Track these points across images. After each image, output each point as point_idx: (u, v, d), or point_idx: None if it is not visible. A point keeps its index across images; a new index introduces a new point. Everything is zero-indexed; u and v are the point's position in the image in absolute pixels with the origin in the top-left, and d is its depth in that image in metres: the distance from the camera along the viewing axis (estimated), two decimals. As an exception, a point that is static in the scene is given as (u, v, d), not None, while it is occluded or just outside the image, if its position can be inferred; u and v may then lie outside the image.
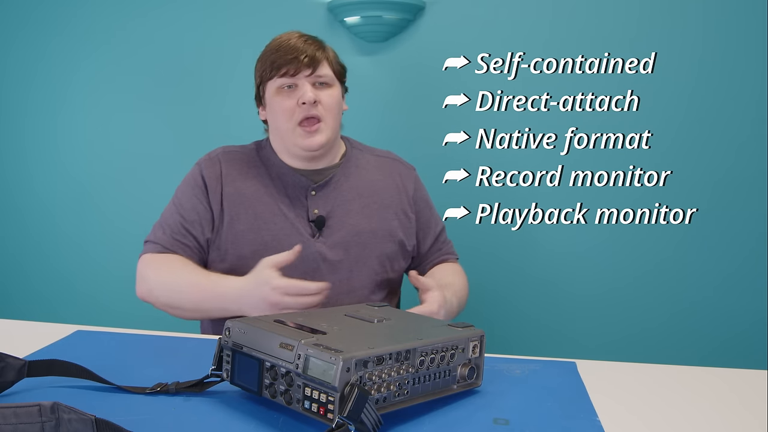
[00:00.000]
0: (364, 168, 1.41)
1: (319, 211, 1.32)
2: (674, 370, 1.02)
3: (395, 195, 1.40)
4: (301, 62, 1.26)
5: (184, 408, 0.81)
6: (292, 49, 1.27)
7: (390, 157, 1.47)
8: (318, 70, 1.28)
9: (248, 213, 1.31)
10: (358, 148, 1.45)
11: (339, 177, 1.36)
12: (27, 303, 2.35)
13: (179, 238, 1.30)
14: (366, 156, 1.43)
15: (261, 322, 0.83)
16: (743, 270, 1.90)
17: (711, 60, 1.86)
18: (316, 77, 1.29)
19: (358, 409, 0.68)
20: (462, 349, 0.85)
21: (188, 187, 1.34)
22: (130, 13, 2.14)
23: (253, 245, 1.29)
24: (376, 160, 1.44)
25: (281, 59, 1.27)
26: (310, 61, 1.27)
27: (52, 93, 2.23)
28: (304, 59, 1.26)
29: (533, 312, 2.02)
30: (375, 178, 1.40)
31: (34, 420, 0.64)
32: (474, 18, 1.94)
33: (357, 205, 1.35)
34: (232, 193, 1.32)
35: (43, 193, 2.28)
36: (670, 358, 1.91)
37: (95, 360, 0.92)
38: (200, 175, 1.33)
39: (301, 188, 1.33)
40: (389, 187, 1.40)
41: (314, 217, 1.32)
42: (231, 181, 1.33)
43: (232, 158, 1.36)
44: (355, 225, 1.33)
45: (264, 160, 1.37)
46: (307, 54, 1.27)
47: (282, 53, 1.28)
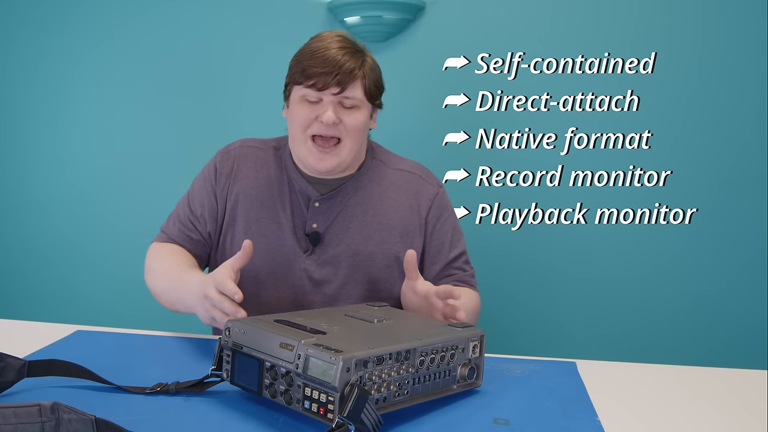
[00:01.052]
0: (378, 183, 1.29)
1: (318, 225, 1.25)
2: (674, 370, 1.02)
3: (406, 215, 1.28)
4: (330, 78, 1.16)
5: (184, 408, 0.81)
6: (327, 62, 1.16)
7: (412, 172, 1.32)
8: (347, 91, 1.18)
9: (249, 217, 1.26)
10: (380, 159, 1.32)
11: (348, 190, 1.27)
12: (27, 303, 2.35)
13: (186, 231, 1.29)
14: (385, 169, 1.31)
15: (261, 322, 0.83)
16: (743, 270, 1.90)
17: (711, 60, 1.85)
18: (344, 97, 1.18)
19: (358, 409, 0.68)
20: (462, 349, 0.85)
21: (202, 179, 1.32)
22: (130, 11, 2.14)
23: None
24: (395, 175, 1.31)
25: (312, 69, 1.17)
26: (341, 78, 1.16)
27: (52, 92, 2.23)
28: (335, 76, 1.16)
29: (533, 312, 2.02)
30: (387, 194, 1.29)
31: (34, 420, 0.64)
32: (474, 18, 1.94)
33: (358, 223, 1.26)
34: (237, 192, 1.28)
35: (42, 193, 2.28)
36: (670, 358, 1.91)
37: (95, 360, 0.92)
38: (214, 168, 1.31)
39: (305, 198, 1.26)
40: (401, 207, 1.28)
41: (311, 230, 1.25)
42: (239, 180, 1.29)
43: (246, 154, 1.31)
44: (351, 245, 1.24)
45: (280, 160, 1.31)
46: (340, 72, 1.16)
47: (316, 62, 1.17)
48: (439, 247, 1.29)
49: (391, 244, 1.26)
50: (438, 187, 1.32)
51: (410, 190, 1.29)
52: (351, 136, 1.20)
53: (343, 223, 1.25)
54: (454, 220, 1.33)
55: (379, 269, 1.25)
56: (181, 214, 1.31)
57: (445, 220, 1.31)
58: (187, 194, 1.33)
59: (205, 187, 1.30)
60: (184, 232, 1.29)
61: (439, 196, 1.31)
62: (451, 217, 1.32)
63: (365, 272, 1.25)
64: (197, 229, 1.29)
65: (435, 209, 1.30)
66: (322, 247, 1.24)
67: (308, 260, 1.24)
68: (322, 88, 1.17)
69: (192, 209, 1.30)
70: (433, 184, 1.32)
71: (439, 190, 1.32)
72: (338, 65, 1.16)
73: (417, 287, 1.09)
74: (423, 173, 1.33)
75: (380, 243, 1.25)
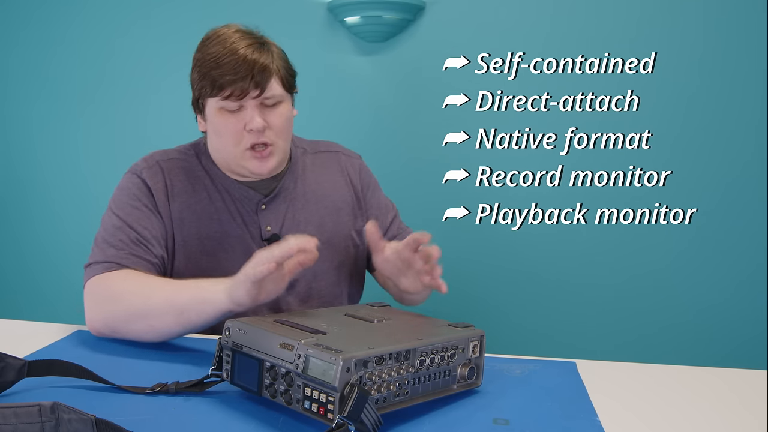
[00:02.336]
0: (309, 170, 1.28)
1: (272, 227, 1.21)
2: (674, 370, 1.02)
3: (345, 192, 1.29)
4: (247, 83, 1.09)
5: (184, 408, 0.81)
6: (236, 67, 1.08)
7: (332, 150, 1.33)
8: (267, 91, 1.11)
9: (200, 234, 1.17)
10: (302, 147, 1.31)
11: (288, 184, 1.24)
12: (28, 303, 2.35)
13: (139, 253, 1.10)
14: (309, 156, 1.30)
15: (261, 322, 0.83)
16: (743, 270, 1.89)
17: (711, 60, 1.85)
18: (265, 98, 1.12)
19: (358, 409, 0.68)
20: (462, 349, 0.85)
21: (131, 198, 1.16)
22: (131, 13, 2.14)
23: (207, 270, 1.15)
24: (320, 158, 1.31)
25: (223, 78, 1.09)
26: (257, 80, 1.09)
27: (54, 92, 2.23)
28: (251, 79, 1.09)
29: (533, 312, 2.02)
30: (321, 178, 1.28)
31: (34, 420, 0.64)
32: (474, 18, 1.94)
33: (308, 213, 1.24)
34: (180, 209, 1.17)
35: (44, 193, 2.28)
36: (669, 357, 1.91)
37: (95, 360, 0.92)
38: (144, 185, 1.16)
39: (251, 203, 1.20)
40: (337, 185, 1.29)
41: (268, 235, 1.20)
42: (177, 195, 1.17)
43: (173, 166, 1.20)
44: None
45: (207, 169, 1.22)
46: (254, 72, 1.09)
47: (225, 69, 1.09)
48: (377, 213, 1.31)
49: (343, 224, 1.27)
50: (359, 158, 1.36)
51: (338, 167, 1.31)
52: (280, 135, 1.17)
53: (295, 217, 1.23)
54: (378, 185, 1.37)
55: (339, 252, 1.26)
56: (123, 238, 1.11)
57: (374, 187, 1.35)
58: (118, 218, 1.14)
59: (142, 206, 1.15)
60: (137, 254, 1.10)
61: (362, 166, 1.35)
62: (374, 180, 1.36)
63: (329, 260, 1.23)
64: (151, 251, 1.12)
65: (364, 178, 1.33)
66: None
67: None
68: (240, 95, 1.10)
69: (135, 230, 1.12)
70: (354, 156, 1.36)
71: (360, 160, 1.36)
72: (250, 66, 1.09)
73: (387, 254, 1.09)
74: (341, 149, 1.36)
75: (335, 225, 1.26)
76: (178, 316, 0.99)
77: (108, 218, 1.16)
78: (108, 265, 1.08)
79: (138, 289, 1.03)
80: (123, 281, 1.06)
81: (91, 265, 1.10)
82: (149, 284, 1.04)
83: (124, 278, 1.06)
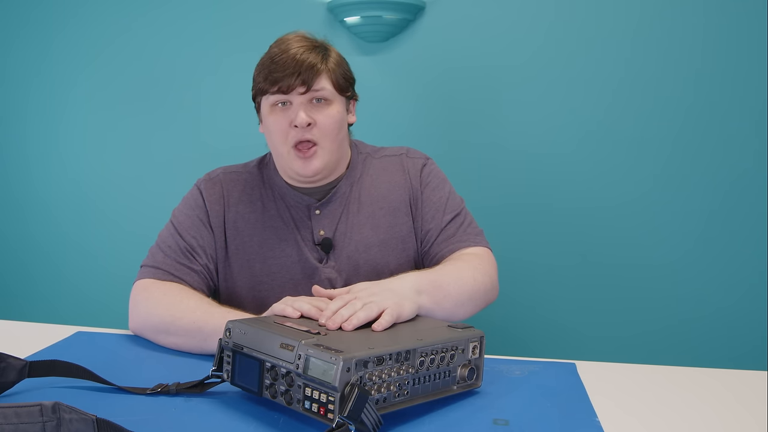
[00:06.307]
0: (369, 174, 1.29)
1: (325, 231, 1.23)
2: (674, 372, 1.02)
3: (403, 192, 1.28)
4: (294, 79, 1.14)
5: (184, 408, 0.82)
6: (287, 63, 1.14)
7: (397, 154, 1.33)
8: (314, 86, 1.15)
9: (253, 241, 1.22)
10: (366, 152, 1.32)
11: (343, 188, 1.26)
12: (29, 304, 2.35)
13: (184, 262, 1.18)
14: (373, 160, 1.31)
15: (261, 322, 0.83)
16: (743, 270, 1.89)
17: (711, 60, 1.85)
18: (312, 93, 1.15)
19: (358, 409, 0.68)
20: (462, 349, 0.85)
21: (188, 209, 1.24)
22: (130, 13, 2.14)
23: (260, 275, 1.22)
24: (383, 162, 1.31)
25: (274, 74, 1.15)
26: (305, 77, 1.14)
27: (53, 93, 2.23)
28: (298, 76, 1.13)
29: (533, 313, 2.02)
30: (380, 181, 1.28)
31: (36, 420, 0.64)
32: (474, 18, 1.94)
33: (362, 216, 1.25)
34: (235, 218, 1.23)
35: (44, 194, 2.29)
36: (669, 358, 1.91)
37: (96, 361, 0.93)
38: (200, 197, 1.24)
39: (304, 208, 1.24)
40: (396, 186, 1.28)
41: (320, 239, 1.23)
42: (233, 205, 1.24)
43: (232, 179, 1.27)
44: (362, 240, 1.23)
45: (266, 179, 1.27)
46: (302, 69, 1.14)
47: (276, 67, 1.15)
48: (434, 213, 1.27)
49: (400, 225, 1.26)
50: (425, 159, 1.33)
51: (400, 168, 1.30)
52: (327, 135, 1.17)
53: (349, 220, 1.25)
54: (446, 186, 1.31)
55: (396, 252, 1.25)
56: (172, 245, 1.20)
57: (435, 186, 1.29)
58: (173, 225, 1.23)
59: (195, 217, 1.23)
60: (182, 262, 1.18)
61: (427, 166, 1.31)
62: (442, 183, 1.31)
63: (386, 263, 1.24)
64: (197, 260, 1.19)
65: (425, 177, 1.30)
66: (336, 251, 1.23)
67: (327, 269, 1.22)
68: (287, 90, 1.14)
69: (186, 239, 1.20)
70: (419, 158, 1.32)
71: (427, 161, 1.32)
72: (299, 63, 1.14)
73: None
74: (408, 152, 1.33)
75: (390, 228, 1.26)
76: (202, 342, 1.03)
77: (168, 224, 1.24)
78: (155, 271, 1.16)
79: (172, 307, 1.08)
80: (163, 295, 1.11)
81: (143, 267, 1.19)
82: (184, 304, 1.08)
83: (165, 292, 1.12)
